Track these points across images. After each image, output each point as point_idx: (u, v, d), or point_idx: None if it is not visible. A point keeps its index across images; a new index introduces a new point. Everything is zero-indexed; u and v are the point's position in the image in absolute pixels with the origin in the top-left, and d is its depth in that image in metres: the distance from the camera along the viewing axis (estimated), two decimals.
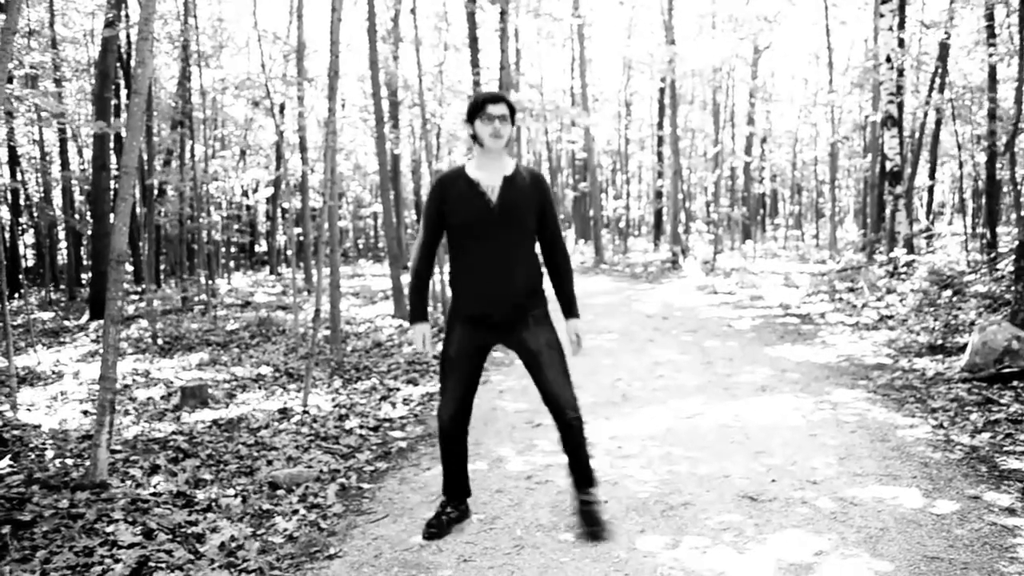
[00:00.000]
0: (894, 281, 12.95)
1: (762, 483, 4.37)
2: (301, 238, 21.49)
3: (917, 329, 9.12)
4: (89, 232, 17.91)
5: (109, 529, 3.89)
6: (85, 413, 6.94)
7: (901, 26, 15.03)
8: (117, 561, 3.55)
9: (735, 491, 4.27)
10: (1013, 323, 6.98)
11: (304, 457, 5.21)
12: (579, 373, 7.84)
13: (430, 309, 13.36)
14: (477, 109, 3.65)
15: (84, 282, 22.27)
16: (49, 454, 5.41)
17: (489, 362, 8.76)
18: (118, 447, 5.53)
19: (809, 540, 3.59)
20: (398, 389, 7.40)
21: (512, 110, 3.75)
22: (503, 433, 5.74)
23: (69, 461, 5.23)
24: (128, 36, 17.63)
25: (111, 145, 16.22)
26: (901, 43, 14.70)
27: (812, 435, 5.28)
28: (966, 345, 7.20)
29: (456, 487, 3.94)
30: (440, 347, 3.86)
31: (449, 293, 5.99)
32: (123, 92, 19.50)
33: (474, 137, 3.70)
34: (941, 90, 17.22)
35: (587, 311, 12.88)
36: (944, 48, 16.72)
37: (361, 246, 41.97)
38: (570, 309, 3.98)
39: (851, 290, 13.46)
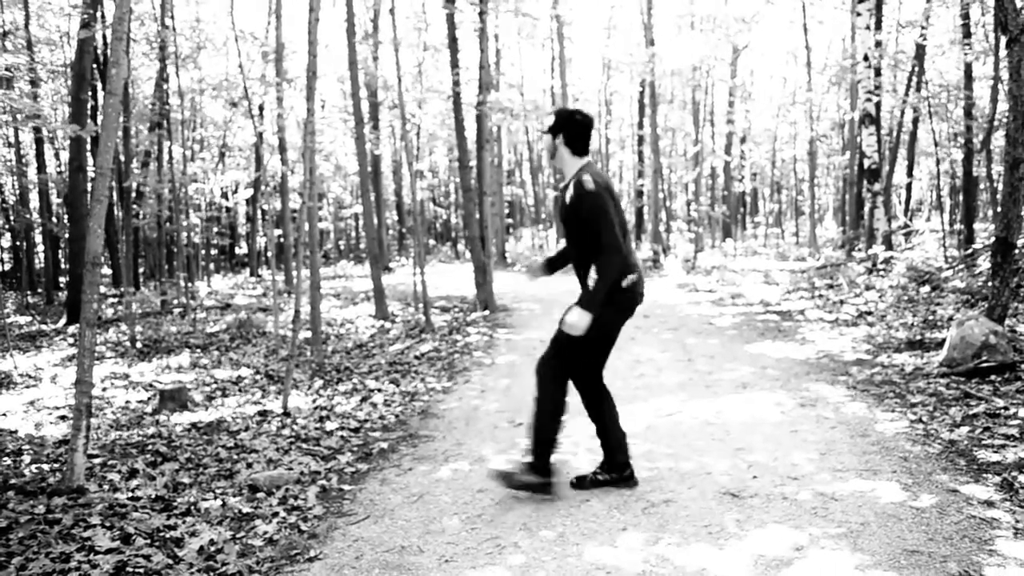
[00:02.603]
0: (873, 278, 13.05)
1: (743, 479, 4.38)
2: (281, 239, 21.40)
3: (896, 325, 9.19)
4: (66, 235, 17.71)
5: (86, 534, 3.85)
6: (62, 418, 6.87)
7: (878, 25, 15.15)
8: (94, 567, 3.51)
9: (716, 488, 4.27)
10: (990, 318, 7.03)
11: (284, 459, 5.17)
12: None
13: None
14: None
15: (62, 286, 22.04)
16: (25, 459, 5.35)
17: (470, 362, 8.76)
18: (95, 452, 5.47)
19: (790, 535, 3.60)
20: (379, 390, 7.37)
21: (550, 128, 4.25)
22: (484, 432, 5.73)
23: (45, 466, 5.17)
24: (105, 37, 17.45)
25: (88, 147, 16.05)
26: (878, 42, 14.80)
27: (793, 431, 5.30)
28: (944, 340, 7.25)
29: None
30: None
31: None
32: (100, 94, 19.32)
33: None
34: (918, 88, 17.37)
35: None
36: (920, 47, 16.86)
37: (342, 247, 41.82)
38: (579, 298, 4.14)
39: (830, 287, 13.55)
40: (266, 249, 30.01)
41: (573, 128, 4.18)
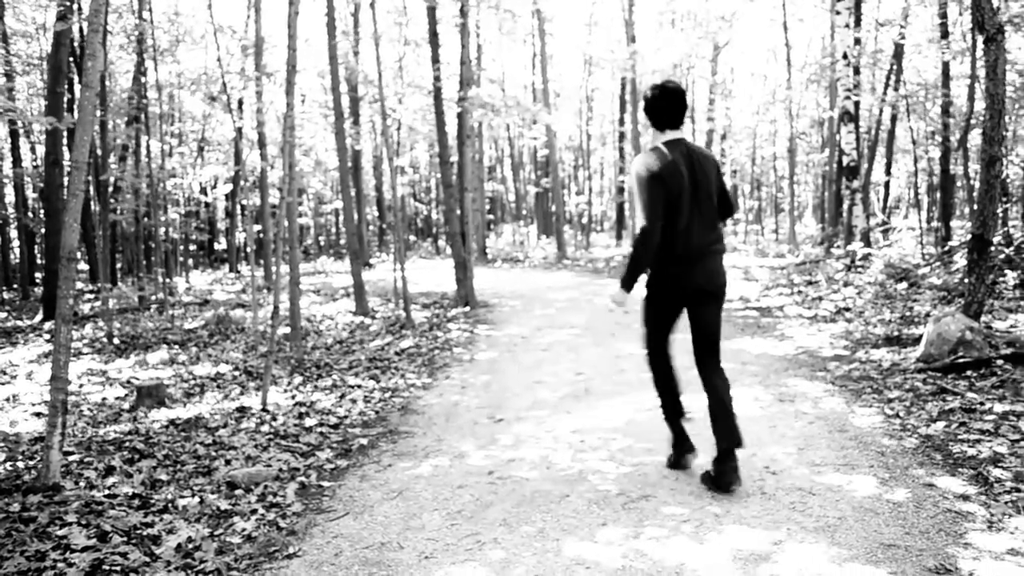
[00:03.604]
0: (851, 274, 13.15)
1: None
2: (261, 235, 21.26)
3: (874, 321, 9.26)
4: (42, 230, 17.53)
5: (62, 532, 3.81)
6: (37, 415, 6.80)
7: (857, 24, 15.25)
8: (70, 565, 3.48)
9: (695, 483, 4.29)
10: (967, 314, 7.10)
11: (263, 456, 5.14)
12: (542, 368, 7.86)
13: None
14: None
15: (38, 281, 21.80)
16: (0, 457, 5.28)
17: (450, 358, 8.75)
18: (71, 449, 5.42)
19: (768, 530, 3.62)
20: (359, 386, 7.34)
21: None
22: (465, 428, 5.72)
23: (20, 464, 5.12)
24: (81, 30, 17.27)
25: (64, 141, 15.87)
26: (857, 41, 14.91)
27: (772, 426, 5.33)
28: (921, 336, 7.32)
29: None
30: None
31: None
32: (77, 87, 19.11)
33: None
34: (896, 87, 17.50)
35: (549, 306, 12.92)
36: (899, 46, 17.00)
37: (323, 243, 41.64)
38: None
39: (809, 283, 13.63)
40: (245, 245, 29.84)
41: (645, 104, 4.19)
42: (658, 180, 3.98)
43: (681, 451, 4.51)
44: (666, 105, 4.08)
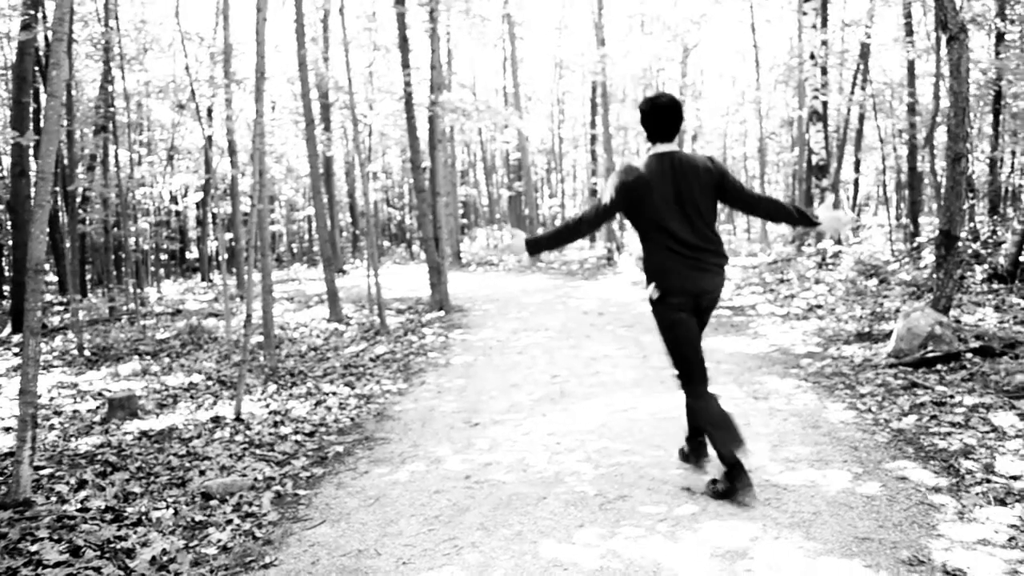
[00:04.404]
0: (822, 272, 13.29)
1: (698, 474, 4.42)
2: (233, 243, 21.10)
3: (845, 318, 9.36)
4: (9, 242, 17.28)
5: (33, 548, 3.75)
6: (7, 429, 6.69)
7: (824, 24, 15.42)
8: None
9: (671, 482, 4.31)
10: (935, 309, 7.20)
11: (238, 466, 5.10)
12: (517, 371, 7.86)
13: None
14: None
15: (5, 294, 21.47)
16: None
17: (425, 363, 8.73)
18: (42, 463, 5.34)
19: (744, 527, 3.64)
20: (334, 393, 7.31)
21: None
22: (441, 433, 5.71)
23: None
24: (47, 38, 17.05)
25: (31, 151, 15.66)
26: (824, 41, 15.07)
27: (746, 424, 5.36)
28: (892, 332, 7.41)
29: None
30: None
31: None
32: (43, 97, 18.86)
33: None
34: (863, 86, 17.71)
35: (524, 309, 12.93)
36: (865, 45, 17.20)
37: (295, 250, 41.37)
38: None
39: (781, 281, 13.76)
40: (217, 253, 29.60)
41: (640, 116, 4.19)
42: (620, 184, 4.05)
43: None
44: (656, 120, 4.07)
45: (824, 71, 15.08)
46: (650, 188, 3.99)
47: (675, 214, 4.00)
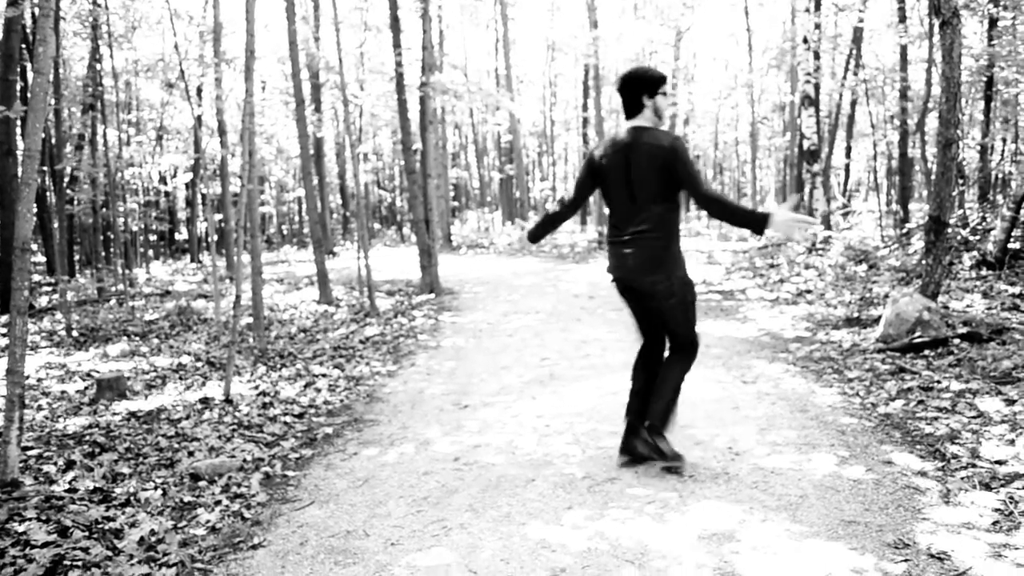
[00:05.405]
0: (812, 257, 13.32)
1: (686, 456, 4.43)
2: (222, 224, 20.99)
3: (834, 303, 9.40)
4: None
5: (21, 529, 3.74)
6: None
7: (817, 8, 15.40)
8: (30, 561, 3.41)
9: (659, 465, 4.32)
10: (924, 295, 7.23)
11: (227, 447, 5.09)
12: (507, 353, 7.87)
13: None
14: (661, 83, 4.04)
15: None
16: None
17: (415, 345, 8.72)
18: (30, 444, 5.32)
19: (731, 509, 3.66)
20: (324, 375, 7.30)
21: None
22: (430, 415, 5.71)
23: None
24: (33, 15, 16.86)
25: (18, 130, 15.52)
26: (817, 25, 15.04)
27: (734, 408, 5.39)
28: (880, 317, 7.44)
29: None
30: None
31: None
32: (30, 74, 18.68)
33: (656, 109, 4.07)
34: (856, 71, 17.70)
35: (514, 292, 12.93)
36: (858, 30, 17.18)
37: (285, 232, 41.24)
38: None
39: (771, 266, 13.79)
40: (207, 234, 29.46)
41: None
42: (586, 161, 4.23)
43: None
44: (623, 95, 4.10)
45: (817, 55, 15.07)
46: (605, 166, 4.07)
47: (622, 195, 4.05)
